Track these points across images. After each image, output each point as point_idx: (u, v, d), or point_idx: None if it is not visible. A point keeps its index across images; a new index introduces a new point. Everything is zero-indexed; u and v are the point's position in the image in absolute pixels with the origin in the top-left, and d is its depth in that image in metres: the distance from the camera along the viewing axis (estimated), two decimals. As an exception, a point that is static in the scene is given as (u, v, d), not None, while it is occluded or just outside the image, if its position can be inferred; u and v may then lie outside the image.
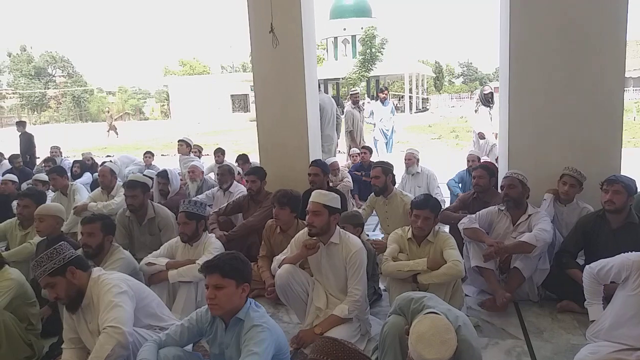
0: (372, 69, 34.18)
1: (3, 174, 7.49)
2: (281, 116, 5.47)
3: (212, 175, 7.74)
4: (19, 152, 10.26)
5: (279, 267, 3.33)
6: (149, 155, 9.12)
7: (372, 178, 4.85)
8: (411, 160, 6.57)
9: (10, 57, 58.59)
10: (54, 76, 60.47)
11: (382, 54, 34.42)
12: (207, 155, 11.29)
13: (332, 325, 3.14)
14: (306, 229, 3.36)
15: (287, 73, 5.37)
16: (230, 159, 8.21)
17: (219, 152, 8.46)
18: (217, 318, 2.49)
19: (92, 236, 3.36)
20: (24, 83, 56.05)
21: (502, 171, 4.53)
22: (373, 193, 4.98)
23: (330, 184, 5.45)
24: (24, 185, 6.77)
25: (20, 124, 11.73)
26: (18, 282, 3.24)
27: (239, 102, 37.96)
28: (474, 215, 3.99)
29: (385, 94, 10.55)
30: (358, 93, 10.19)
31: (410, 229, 3.50)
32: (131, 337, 2.50)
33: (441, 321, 2.13)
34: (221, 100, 37.42)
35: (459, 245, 3.47)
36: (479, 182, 4.53)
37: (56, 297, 2.66)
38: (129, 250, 3.75)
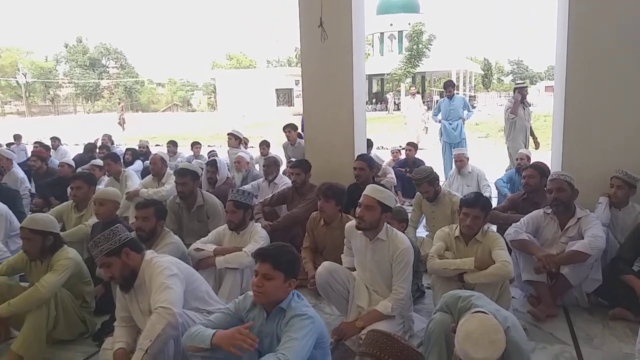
0: (419, 65, 33.67)
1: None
2: (328, 110, 5.48)
3: (257, 167, 7.87)
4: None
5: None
6: (197, 145, 9.38)
7: (424, 193, 4.71)
8: (463, 161, 6.42)
9: (66, 48, 61.02)
10: (107, 67, 62.61)
11: (429, 50, 33.84)
12: (252, 147, 11.45)
13: (374, 320, 3.11)
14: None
15: (335, 67, 5.37)
16: (274, 152, 8.31)
17: (264, 145, 8.60)
18: (259, 306, 2.49)
19: (147, 220, 3.50)
20: (79, 73, 58.38)
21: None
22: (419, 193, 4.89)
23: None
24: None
25: None
26: (75, 261, 3.39)
27: (284, 96, 38.24)
28: (519, 223, 3.78)
29: (450, 90, 8.82)
30: (526, 87, 7.90)
31: (458, 227, 3.43)
32: (181, 318, 2.57)
33: (490, 321, 2.08)
34: (266, 94, 37.83)
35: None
36: (529, 181, 4.38)
37: (111, 277, 2.76)
38: (177, 236, 3.87)
